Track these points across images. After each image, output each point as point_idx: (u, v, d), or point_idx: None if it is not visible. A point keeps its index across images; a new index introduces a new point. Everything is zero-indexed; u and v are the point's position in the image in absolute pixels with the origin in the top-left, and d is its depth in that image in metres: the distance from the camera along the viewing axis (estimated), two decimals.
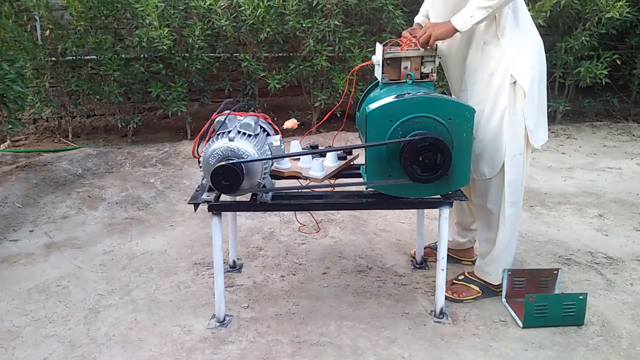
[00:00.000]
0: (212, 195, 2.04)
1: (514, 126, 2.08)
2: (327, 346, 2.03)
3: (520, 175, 2.15)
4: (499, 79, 2.06)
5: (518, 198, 2.18)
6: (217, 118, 2.02)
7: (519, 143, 2.10)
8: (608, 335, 2.08)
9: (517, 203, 2.19)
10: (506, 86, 2.05)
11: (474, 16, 1.98)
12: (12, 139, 4.61)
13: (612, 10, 4.18)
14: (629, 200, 3.34)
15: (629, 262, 2.60)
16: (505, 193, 2.15)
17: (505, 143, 2.09)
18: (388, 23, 4.26)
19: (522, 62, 2.05)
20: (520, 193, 2.19)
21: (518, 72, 2.04)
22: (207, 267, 2.58)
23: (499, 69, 2.06)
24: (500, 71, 2.06)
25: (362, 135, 2.14)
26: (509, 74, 2.04)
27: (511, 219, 2.19)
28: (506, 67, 2.04)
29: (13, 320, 2.21)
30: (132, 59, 4.36)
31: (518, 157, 2.12)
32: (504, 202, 2.16)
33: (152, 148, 4.36)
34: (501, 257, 2.24)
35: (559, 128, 4.80)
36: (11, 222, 3.09)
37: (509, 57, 2.04)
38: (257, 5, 3.98)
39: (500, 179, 2.15)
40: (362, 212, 3.16)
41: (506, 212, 2.17)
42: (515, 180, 2.14)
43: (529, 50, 2.08)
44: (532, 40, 2.11)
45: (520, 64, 2.04)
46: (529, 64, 2.06)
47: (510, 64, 2.04)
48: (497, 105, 2.08)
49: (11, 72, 3.11)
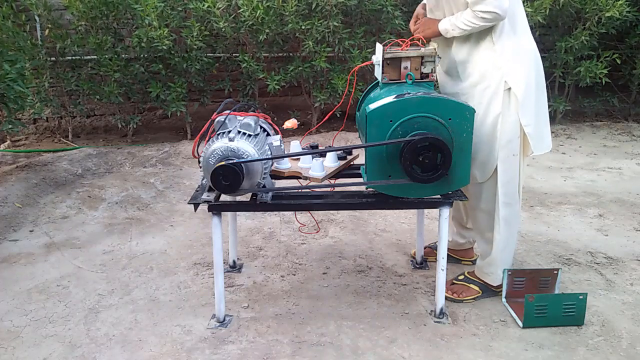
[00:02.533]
0: (212, 195, 2.04)
1: (508, 129, 2.07)
2: (327, 346, 2.03)
3: (515, 176, 2.14)
4: (493, 86, 2.05)
5: (513, 199, 2.17)
6: (217, 118, 2.02)
7: (514, 144, 2.09)
8: (608, 335, 2.08)
9: (513, 204, 2.18)
10: (500, 93, 2.05)
11: (454, 30, 2.06)
12: (12, 139, 4.61)
13: (612, 9, 4.18)
14: (629, 200, 3.34)
15: (629, 262, 2.60)
16: (499, 194, 2.14)
17: (498, 148, 2.09)
18: (387, 23, 4.26)
19: (516, 69, 2.04)
20: (516, 194, 2.17)
21: (512, 79, 2.03)
22: (207, 267, 2.59)
23: (492, 74, 2.05)
24: (494, 78, 2.05)
25: (362, 135, 2.14)
26: (503, 81, 2.04)
27: (506, 219, 2.18)
28: (500, 74, 2.04)
29: (13, 320, 2.21)
30: (132, 59, 4.36)
31: (512, 159, 2.11)
32: (498, 203, 2.15)
33: (152, 148, 4.36)
34: (499, 259, 2.24)
35: (559, 128, 4.80)
36: (11, 222, 3.09)
37: (503, 63, 2.04)
38: (256, 7, 3.97)
39: (493, 182, 2.14)
40: (362, 212, 3.16)
41: (500, 213, 2.17)
42: (509, 182, 2.14)
43: (524, 58, 2.08)
44: (527, 49, 2.10)
45: (515, 71, 2.04)
46: (524, 71, 2.05)
47: (504, 70, 2.04)
48: (489, 111, 2.08)
49: (12, 72, 3.11)
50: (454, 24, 2.05)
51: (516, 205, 2.20)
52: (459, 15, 2.04)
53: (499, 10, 1.95)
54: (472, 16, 1.99)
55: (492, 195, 2.17)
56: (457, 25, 2.05)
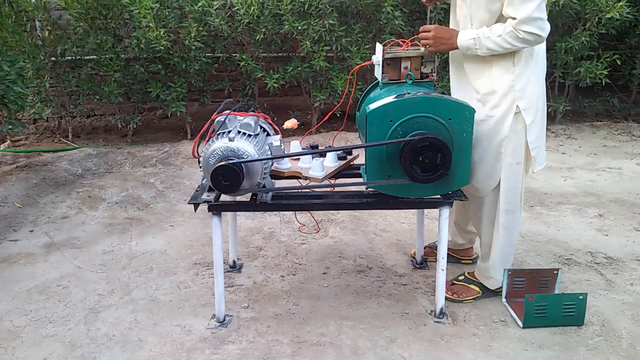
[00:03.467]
0: (212, 195, 2.04)
1: (513, 143, 2.06)
2: (327, 346, 2.03)
3: (518, 184, 2.14)
4: (506, 106, 2.03)
5: (515, 207, 2.17)
6: (217, 118, 2.02)
7: (518, 153, 2.08)
8: (608, 335, 2.08)
9: (514, 211, 2.17)
10: (510, 115, 2.03)
11: (480, 49, 1.96)
12: (12, 139, 4.61)
13: (612, 10, 4.17)
14: (629, 200, 3.34)
15: (629, 262, 2.60)
16: (501, 201, 2.14)
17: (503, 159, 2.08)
18: (387, 24, 4.26)
19: (529, 93, 2.02)
20: (518, 202, 2.17)
21: (524, 104, 2.02)
22: (207, 267, 2.58)
23: (506, 97, 2.02)
24: (507, 100, 2.02)
25: (362, 135, 2.14)
26: (516, 104, 2.01)
27: (506, 225, 2.18)
28: (513, 97, 2.01)
29: (13, 320, 2.21)
30: (131, 60, 4.36)
31: (516, 167, 2.10)
32: (499, 210, 2.15)
33: (152, 148, 4.36)
34: (498, 264, 2.24)
35: (559, 128, 4.80)
36: (11, 222, 3.09)
37: (519, 87, 2.01)
38: (250, 4, 3.97)
39: (496, 190, 2.14)
40: (362, 212, 3.16)
41: (501, 220, 2.16)
42: (512, 189, 2.13)
43: (539, 79, 2.06)
44: (541, 73, 2.08)
45: (528, 96, 2.02)
46: (535, 95, 2.04)
47: (517, 94, 2.01)
48: (498, 131, 2.05)
49: (11, 73, 3.11)
50: (482, 43, 1.94)
51: (517, 212, 2.19)
52: (488, 32, 1.93)
53: (543, 33, 1.88)
54: (511, 36, 1.89)
55: (494, 202, 2.17)
56: (486, 46, 1.94)
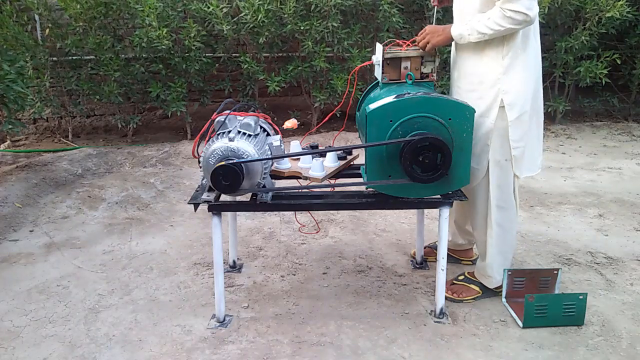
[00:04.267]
0: (212, 195, 2.04)
1: (499, 138, 2.06)
2: (327, 346, 2.03)
3: (508, 181, 2.13)
4: (490, 98, 2.03)
5: (507, 204, 2.16)
6: (217, 118, 2.02)
7: (505, 149, 2.08)
8: (608, 335, 2.08)
9: (507, 209, 2.17)
10: (495, 108, 2.03)
11: (471, 35, 1.98)
12: (12, 139, 4.61)
13: (612, 9, 4.18)
14: (629, 200, 3.34)
15: (629, 262, 2.60)
16: (491, 197, 2.14)
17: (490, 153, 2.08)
18: (385, 22, 4.26)
19: (517, 93, 2.02)
20: (511, 199, 2.16)
21: (508, 99, 2.01)
22: (207, 267, 2.59)
23: (491, 88, 2.03)
24: (491, 92, 2.03)
25: (362, 135, 2.14)
26: (500, 98, 2.02)
27: (499, 222, 2.17)
28: (496, 90, 2.01)
29: (13, 320, 2.21)
30: (131, 59, 4.36)
31: (504, 163, 2.10)
32: (491, 205, 2.15)
33: (152, 148, 4.36)
34: (495, 262, 2.24)
35: (559, 128, 4.80)
36: (11, 222, 3.09)
37: (504, 81, 2.01)
38: (257, 10, 3.98)
39: (485, 185, 2.14)
40: (362, 212, 3.16)
41: (493, 216, 2.16)
42: (501, 186, 2.13)
43: (527, 81, 2.04)
44: (532, 73, 2.07)
45: (513, 93, 2.01)
46: (523, 96, 2.03)
47: (502, 87, 2.01)
48: (483, 123, 2.06)
49: (11, 72, 3.11)
50: (473, 27, 1.96)
51: (511, 209, 2.18)
52: (480, 17, 1.96)
53: (529, 12, 1.88)
54: (499, 16, 1.90)
55: (484, 198, 2.17)
56: (476, 29, 1.96)
